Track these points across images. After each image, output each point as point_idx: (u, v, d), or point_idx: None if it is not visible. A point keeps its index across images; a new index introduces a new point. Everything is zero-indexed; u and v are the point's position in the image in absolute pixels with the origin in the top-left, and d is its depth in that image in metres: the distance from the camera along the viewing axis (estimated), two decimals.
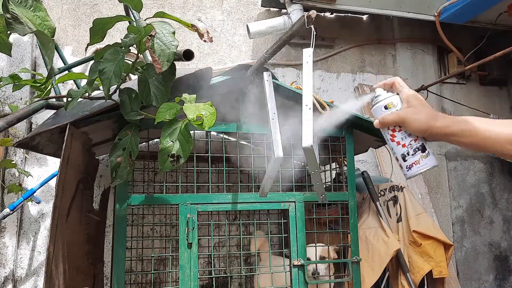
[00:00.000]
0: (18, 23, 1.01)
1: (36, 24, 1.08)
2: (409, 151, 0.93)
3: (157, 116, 1.24)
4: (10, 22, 0.98)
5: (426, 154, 0.92)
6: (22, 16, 1.02)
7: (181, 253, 1.50)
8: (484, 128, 0.85)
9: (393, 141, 0.96)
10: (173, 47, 1.17)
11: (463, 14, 2.69)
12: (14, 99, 2.25)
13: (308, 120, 1.24)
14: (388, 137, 0.98)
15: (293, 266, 1.62)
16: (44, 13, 1.10)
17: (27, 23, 1.04)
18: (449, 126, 0.87)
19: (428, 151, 0.93)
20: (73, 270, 1.43)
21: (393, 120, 0.93)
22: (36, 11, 1.09)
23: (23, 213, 2.21)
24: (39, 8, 1.09)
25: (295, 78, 2.81)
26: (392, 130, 0.96)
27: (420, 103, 0.91)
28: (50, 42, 1.08)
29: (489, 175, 3.19)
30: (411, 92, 0.93)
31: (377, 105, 0.99)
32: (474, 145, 0.86)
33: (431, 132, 0.88)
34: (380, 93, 0.99)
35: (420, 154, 0.93)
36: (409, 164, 0.94)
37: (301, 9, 2.51)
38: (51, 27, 1.11)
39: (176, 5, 2.68)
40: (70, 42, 2.47)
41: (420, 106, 0.90)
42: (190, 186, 1.67)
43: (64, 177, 1.30)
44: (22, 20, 1.01)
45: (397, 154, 0.96)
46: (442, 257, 2.01)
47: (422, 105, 0.90)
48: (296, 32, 1.19)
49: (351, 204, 1.76)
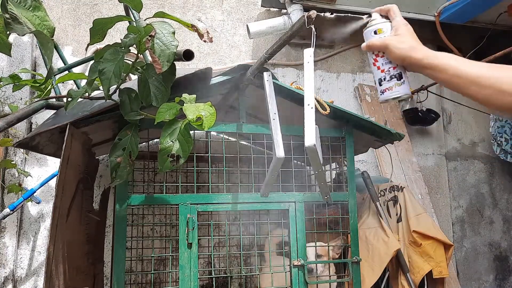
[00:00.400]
0: (17, 23, 1.00)
1: (35, 24, 1.08)
2: (386, 76, 0.97)
3: (157, 116, 1.24)
4: (9, 22, 0.98)
5: (401, 82, 0.96)
6: (21, 16, 1.02)
7: (181, 253, 1.50)
8: (455, 65, 0.85)
9: (374, 65, 0.99)
10: (173, 47, 1.17)
11: (463, 14, 2.69)
12: (14, 99, 2.25)
13: (311, 120, 1.24)
14: (371, 60, 1.01)
15: (293, 266, 1.62)
16: (44, 13, 1.10)
17: (26, 23, 1.04)
18: (425, 58, 0.87)
19: (403, 80, 0.96)
20: (73, 270, 1.43)
21: (378, 46, 0.96)
22: (35, 11, 1.09)
23: (23, 213, 2.21)
24: (38, 8, 1.09)
25: (295, 78, 2.81)
26: (375, 55, 0.99)
27: (407, 33, 0.92)
28: (49, 42, 1.08)
29: (489, 175, 3.19)
30: (402, 22, 0.95)
31: (369, 29, 1.02)
32: (444, 81, 0.87)
33: (409, 62, 0.90)
34: (375, 18, 1.02)
35: (395, 81, 0.96)
36: (383, 89, 0.97)
37: (301, 9, 2.51)
38: (51, 27, 1.11)
39: (176, 5, 2.68)
40: (70, 42, 2.47)
41: (406, 36, 0.92)
42: (190, 186, 1.67)
43: (64, 177, 1.30)
44: (21, 20, 1.01)
45: (376, 78, 1.00)
46: (442, 257, 2.01)
47: (408, 36, 0.92)
48: (296, 32, 1.19)
49: (351, 204, 1.76)
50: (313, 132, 1.23)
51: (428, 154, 3.00)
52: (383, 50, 0.96)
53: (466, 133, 3.20)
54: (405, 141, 2.81)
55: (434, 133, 3.03)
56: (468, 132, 3.20)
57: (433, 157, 3.00)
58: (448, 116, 3.16)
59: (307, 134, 1.23)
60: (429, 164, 2.98)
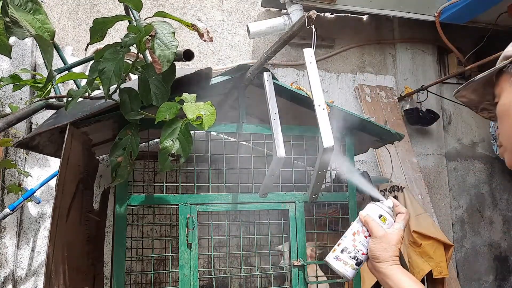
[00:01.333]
0: (17, 26, 1.00)
1: (36, 28, 1.08)
2: (351, 253, 0.98)
3: (158, 116, 1.24)
4: (9, 26, 0.98)
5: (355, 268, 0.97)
6: (21, 19, 1.02)
7: (181, 253, 1.49)
8: None
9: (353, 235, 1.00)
10: (173, 47, 1.17)
11: (463, 14, 2.69)
12: (14, 99, 2.25)
13: (325, 121, 1.23)
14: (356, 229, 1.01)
15: (293, 266, 1.62)
16: (44, 16, 1.10)
17: (27, 26, 1.04)
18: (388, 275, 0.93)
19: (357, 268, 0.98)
20: (73, 270, 1.42)
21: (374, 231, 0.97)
22: (35, 14, 1.09)
23: (23, 213, 2.21)
24: (38, 11, 1.09)
25: (295, 78, 2.81)
26: (362, 231, 1.00)
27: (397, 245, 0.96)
28: (49, 46, 1.08)
29: (489, 176, 3.19)
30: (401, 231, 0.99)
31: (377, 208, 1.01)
32: None
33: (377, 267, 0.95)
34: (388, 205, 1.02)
35: (353, 263, 0.97)
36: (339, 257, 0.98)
37: (301, 9, 2.51)
38: (51, 30, 1.11)
39: (176, 5, 2.68)
40: (70, 42, 2.47)
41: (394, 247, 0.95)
42: (190, 186, 1.67)
43: (64, 177, 1.30)
44: (21, 23, 1.00)
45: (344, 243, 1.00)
46: (442, 257, 2.01)
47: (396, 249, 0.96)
48: (296, 32, 1.19)
49: (351, 204, 1.76)
50: (330, 132, 1.21)
51: (428, 154, 3.00)
52: (373, 236, 0.97)
53: (466, 133, 3.20)
54: (405, 141, 2.81)
55: (434, 133, 3.02)
56: (468, 132, 3.20)
57: (433, 157, 3.00)
58: (448, 116, 3.16)
59: (325, 135, 1.21)
60: (429, 164, 2.98)
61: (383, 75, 3.03)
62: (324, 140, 1.21)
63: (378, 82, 3.00)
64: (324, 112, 1.23)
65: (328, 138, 1.21)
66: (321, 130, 1.22)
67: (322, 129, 1.22)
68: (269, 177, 1.45)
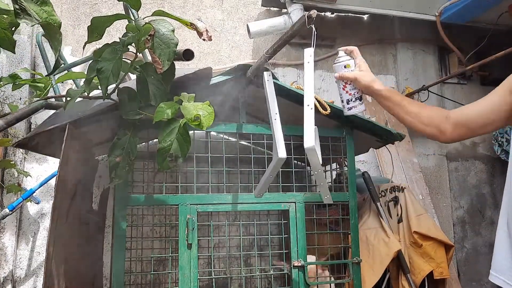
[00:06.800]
0: (26, 14, 1.03)
1: (43, 18, 1.09)
2: (352, 98, 1.35)
3: (156, 115, 1.24)
4: (19, 12, 1.02)
5: (361, 102, 1.35)
6: (29, 8, 1.04)
7: (181, 253, 1.49)
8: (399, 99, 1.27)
9: (343, 90, 1.36)
10: (173, 45, 1.17)
11: (464, 14, 2.68)
12: (13, 99, 2.25)
13: (310, 121, 1.23)
14: (341, 86, 1.36)
15: (293, 267, 1.61)
16: (51, 7, 1.11)
17: (34, 15, 1.05)
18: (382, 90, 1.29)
19: (362, 101, 1.36)
20: (72, 270, 1.42)
21: (349, 77, 1.32)
22: (43, 5, 1.10)
23: (22, 213, 2.20)
24: (46, 3, 1.10)
25: (296, 78, 2.80)
26: (345, 83, 1.35)
27: (368, 69, 1.32)
28: (57, 33, 1.09)
29: (490, 176, 3.18)
30: (362, 60, 1.33)
31: (339, 63, 1.35)
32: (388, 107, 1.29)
33: (371, 91, 1.30)
34: (342, 55, 1.36)
35: (359, 102, 1.35)
36: (351, 106, 1.35)
37: (301, 8, 2.51)
38: (57, 22, 1.11)
39: (175, 4, 2.68)
40: (70, 42, 2.47)
41: (368, 71, 1.31)
42: (189, 186, 1.66)
43: (63, 177, 1.29)
44: (29, 12, 1.02)
45: (344, 98, 1.36)
46: (443, 258, 2.00)
47: (369, 71, 1.32)
48: (296, 31, 1.18)
49: (352, 205, 1.75)
50: (313, 133, 1.22)
51: (429, 155, 2.99)
52: (352, 81, 1.33)
53: None
54: (406, 141, 2.80)
55: None
56: None
57: (434, 157, 2.99)
58: None
59: (306, 135, 1.22)
60: (430, 164, 2.97)
61: (384, 75, 3.02)
62: (306, 140, 1.23)
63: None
64: (312, 112, 1.25)
65: (310, 138, 1.22)
66: (305, 129, 1.23)
67: (306, 128, 1.23)
68: (268, 177, 1.44)
